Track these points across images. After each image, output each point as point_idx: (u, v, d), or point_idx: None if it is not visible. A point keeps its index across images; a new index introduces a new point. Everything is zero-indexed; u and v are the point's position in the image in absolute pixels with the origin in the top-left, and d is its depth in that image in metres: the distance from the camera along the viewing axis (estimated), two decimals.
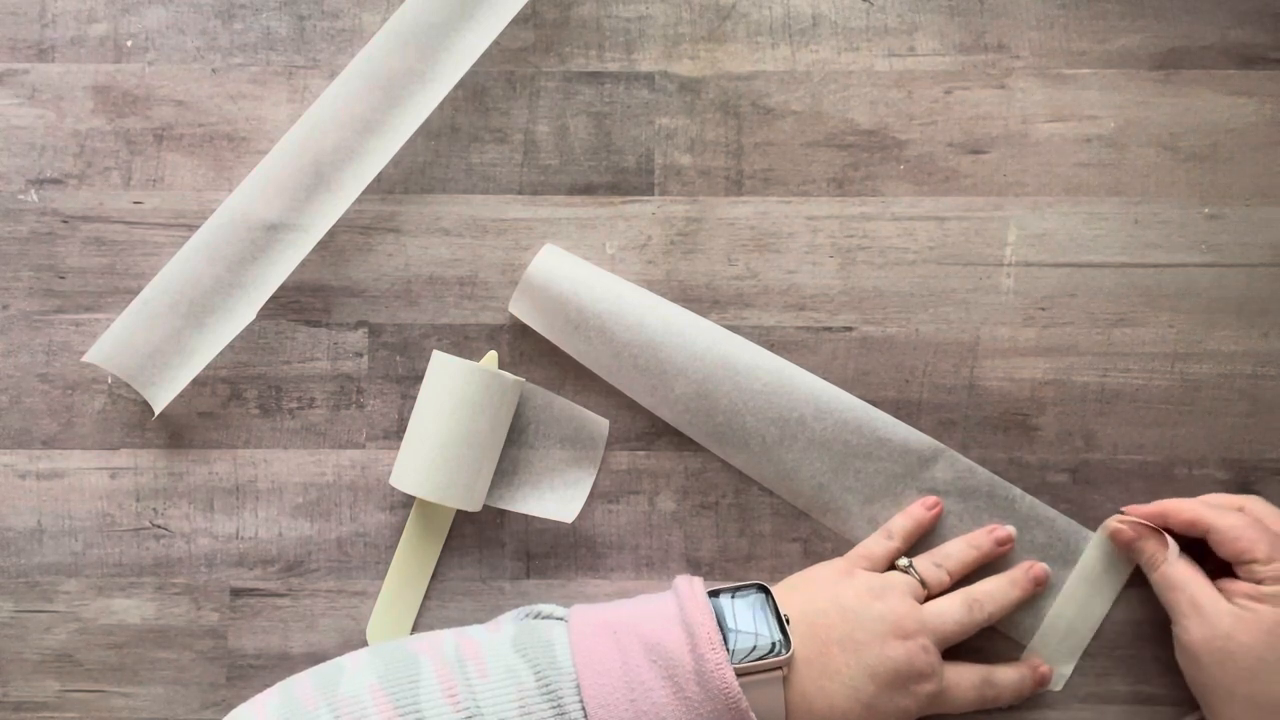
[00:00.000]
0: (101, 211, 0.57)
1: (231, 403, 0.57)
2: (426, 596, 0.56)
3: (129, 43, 0.58)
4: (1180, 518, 0.53)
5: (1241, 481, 0.56)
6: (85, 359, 0.54)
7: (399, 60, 0.55)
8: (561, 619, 0.51)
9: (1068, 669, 0.56)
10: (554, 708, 0.46)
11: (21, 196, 0.57)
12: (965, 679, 0.52)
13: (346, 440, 0.57)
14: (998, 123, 0.58)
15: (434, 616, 0.56)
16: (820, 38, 0.58)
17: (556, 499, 0.56)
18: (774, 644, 0.49)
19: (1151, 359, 0.57)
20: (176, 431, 0.57)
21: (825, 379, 0.57)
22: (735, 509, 0.57)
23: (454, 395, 0.53)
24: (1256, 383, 0.57)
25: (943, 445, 0.56)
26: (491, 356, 0.57)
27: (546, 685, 0.47)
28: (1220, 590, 0.52)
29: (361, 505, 0.57)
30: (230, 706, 0.56)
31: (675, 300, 0.57)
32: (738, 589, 0.52)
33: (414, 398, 0.56)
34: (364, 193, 0.56)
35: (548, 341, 0.57)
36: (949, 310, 0.57)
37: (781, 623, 0.50)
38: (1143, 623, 0.56)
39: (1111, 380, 0.57)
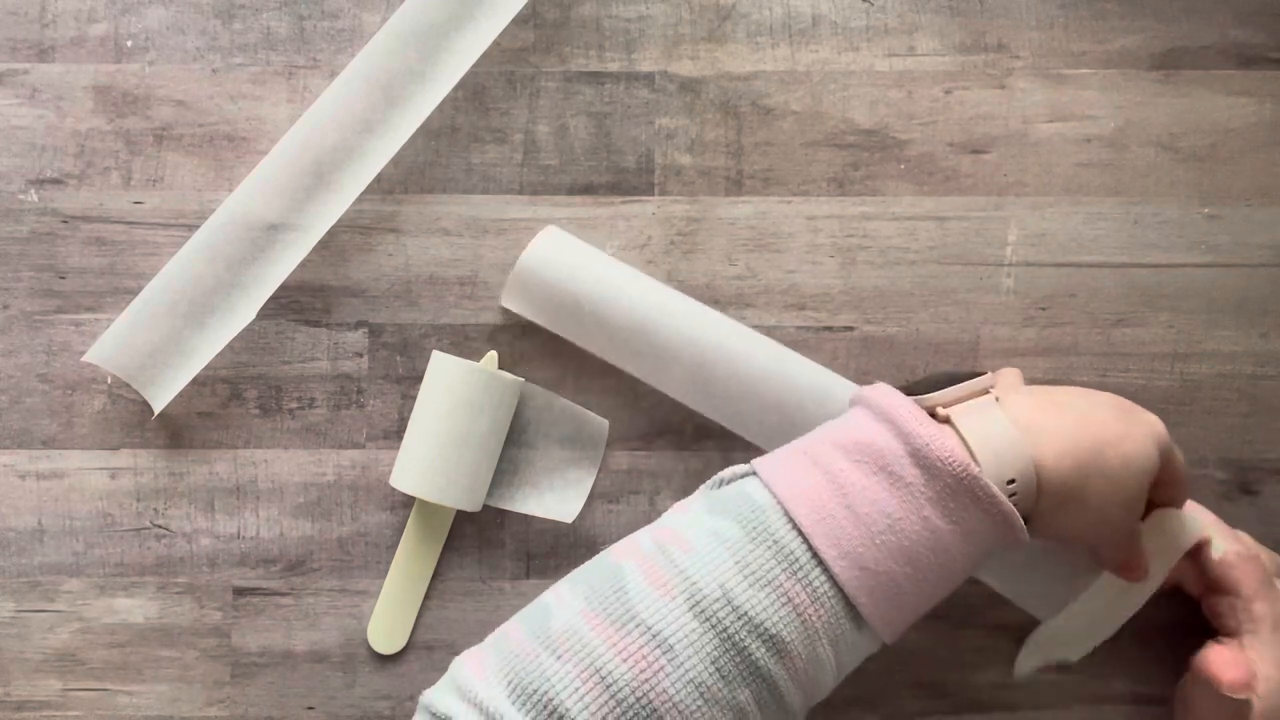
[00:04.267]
0: (101, 211, 0.57)
1: (231, 403, 0.57)
2: (427, 596, 0.56)
3: (129, 43, 0.58)
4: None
5: (1241, 481, 0.56)
6: (85, 359, 0.55)
7: (399, 60, 0.55)
8: (748, 474, 0.46)
9: (1075, 657, 0.55)
10: (770, 546, 0.42)
11: (21, 196, 0.57)
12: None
13: (347, 440, 0.57)
14: (998, 123, 0.58)
15: (434, 616, 0.56)
16: (820, 38, 0.58)
17: (556, 499, 0.56)
18: (971, 373, 0.46)
19: (1151, 359, 0.57)
20: (176, 431, 0.57)
21: None
22: None
23: (454, 395, 0.54)
24: (1256, 383, 0.57)
25: None
26: (491, 357, 0.57)
27: (754, 528, 0.43)
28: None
29: (362, 505, 0.57)
30: (234, 704, 0.56)
31: None
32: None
33: (414, 398, 0.56)
34: (364, 193, 0.56)
35: (548, 341, 0.57)
36: (949, 310, 0.57)
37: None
38: (1143, 622, 0.56)
39: (1111, 380, 0.57)
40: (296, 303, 0.57)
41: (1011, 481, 0.43)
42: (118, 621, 0.56)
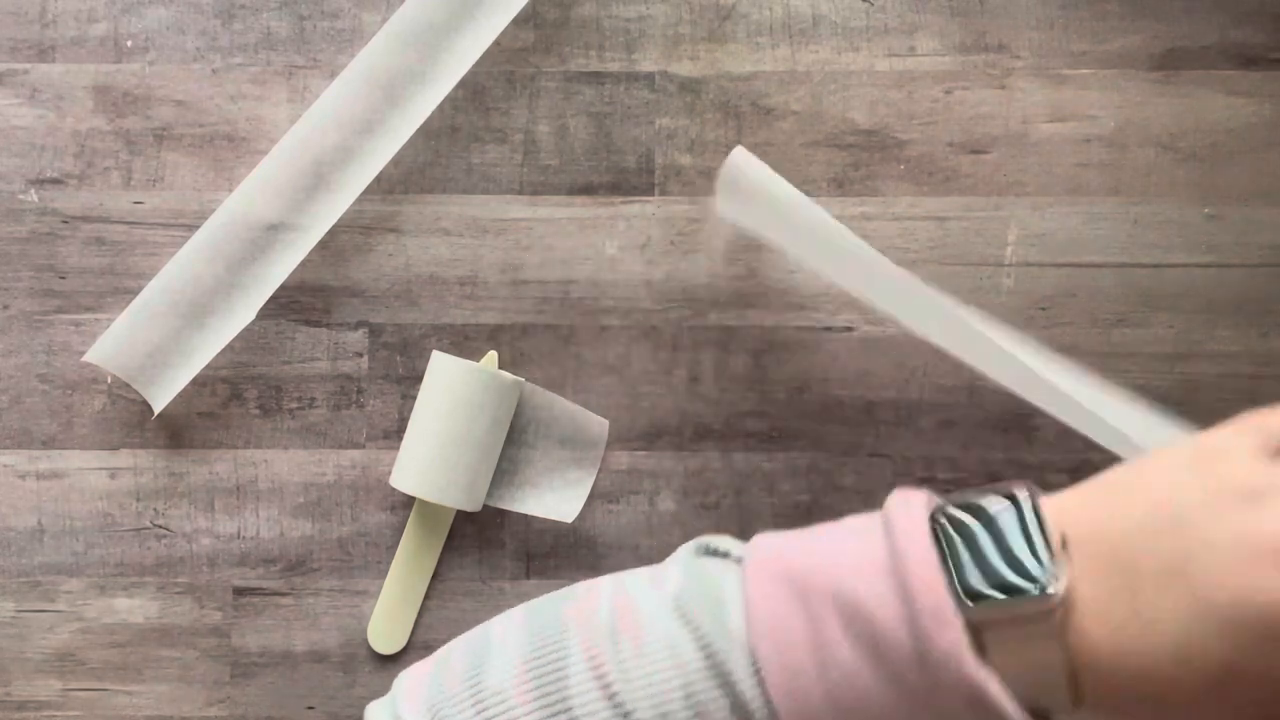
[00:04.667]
0: (101, 211, 0.57)
1: (231, 403, 0.57)
2: (427, 596, 0.56)
3: (129, 43, 0.58)
4: None
5: None
6: (85, 359, 0.55)
7: (399, 60, 0.55)
8: (738, 559, 0.38)
9: None
10: (725, 693, 0.35)
11: (21, 196, 0.57)
12: None
13: (347, 440, 0.57)
14: (998, 123, 0.58)
15: (434, 616, 0.56)
16: (820, 38, 0.58)
17: (556, 499, 0.56)
18: (1035, 579, 0.32)
19: (1151, 359, 0.57)
20: (176, 431, 0.57)
21: (825, 379, 0.57)
22: (735, 509, 0.57)
23: (454, 395, 0.54)
24: (1256, 383, 0.57)
25: None
26: (491, 357, 0.57)
27: (715, 662, 0.35)
28: None
29: (362, 505, 0.57)
30: (234, 704, 0.56)
31: (675, 300, 0.57)
32: (989, 495, 0.35)
33: (414, 398, 0.56)
34: (364, 193, 0.56)
35: (548, 342, 0.57)
36: None
37: (1049, 544, 0.33)
38: None
39: (1111, 380, 0.57)
40: (296, 303, 0.57)
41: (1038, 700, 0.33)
42: (118, 621, 0.56)
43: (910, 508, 0.35)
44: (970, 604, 0.33)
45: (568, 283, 0.57)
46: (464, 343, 0.57)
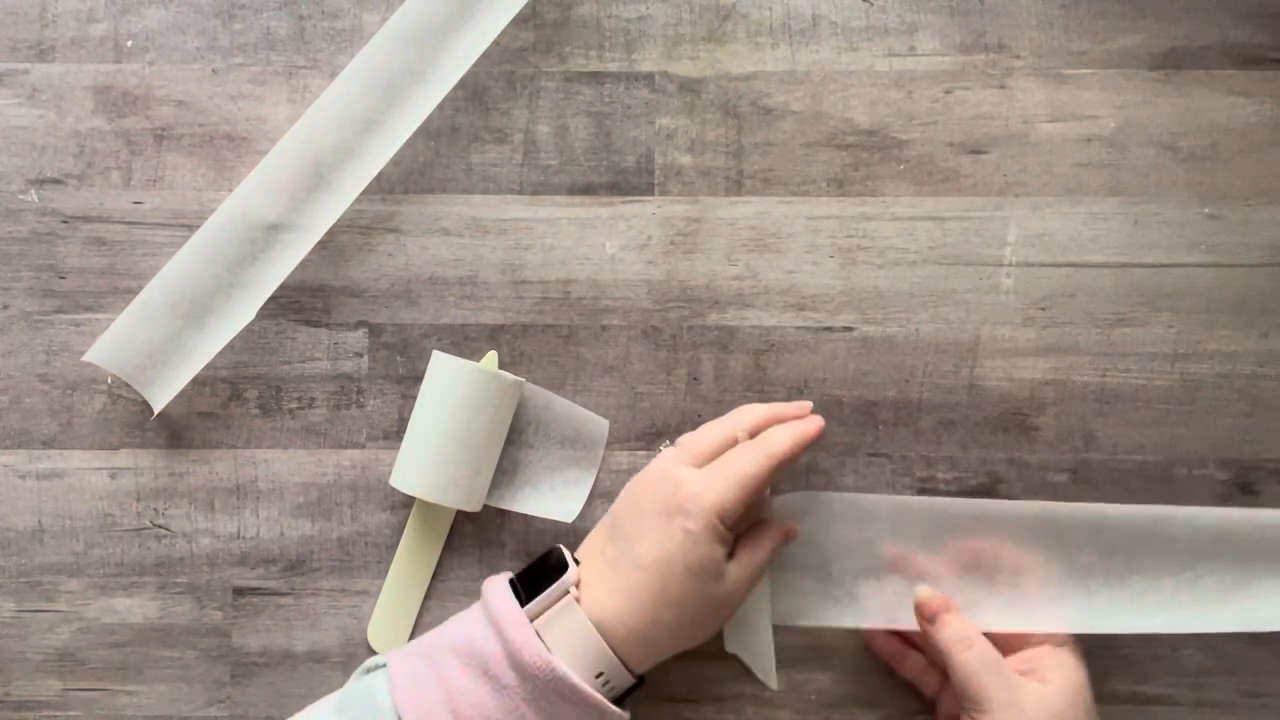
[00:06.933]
0: (101, 211, 0.57)
1: (231, 403, 0.57)
2: (427, 597, 0.56)
3: (129, 43, 0.58)
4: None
5: (1241, 481, 0.56)
6: (85, 359, 0.55)
7: (399, 60, 0.55)
8: (384, 665, 0.50)
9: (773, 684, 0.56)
10: None
11: (21, 196, 0.57)
12: (741, 559, 0.51)
13: (347, 440, 0.57)
14: (998, 123, 0.57)
15: (434, 617, 0.56)
16: (820, 38, 0.58)
17: (557, 499, 0.56)
18: (559, 574, 0.49)
19: (1151, 359, 0.57)
20: (176, 431, 0.57)
21: (825, 379, 0.57)
22: None
23: (454, 395, 0.54)
24: (1256, 383, 0.57)
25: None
26: (491, 357, 0.57)
27: None
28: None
29: (362, 505, 0.57)
30: (234, 704, 0.56)
31: (675, 300, 0.57)
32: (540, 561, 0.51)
33: (414, 398, 0.56)
34: (364, 193, 0.56)
35: (548, 342, 0.57)
36: (949, 310, 0.57)
37: (565, 559, 0.50)
38: None
39: (1111, 380, 0.57)
40: (296, 303, 0.57)
41: (600, 674, 0.48)
42: (118, 621, 0.56)
43: (494, 579, 0.51)
44: (529, 604, 0.48)
45: (568, 283, 0.57)
46: (464, 343, 0.57)
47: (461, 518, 0.57)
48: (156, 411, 0.55)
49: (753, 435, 0.52)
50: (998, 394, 0.57)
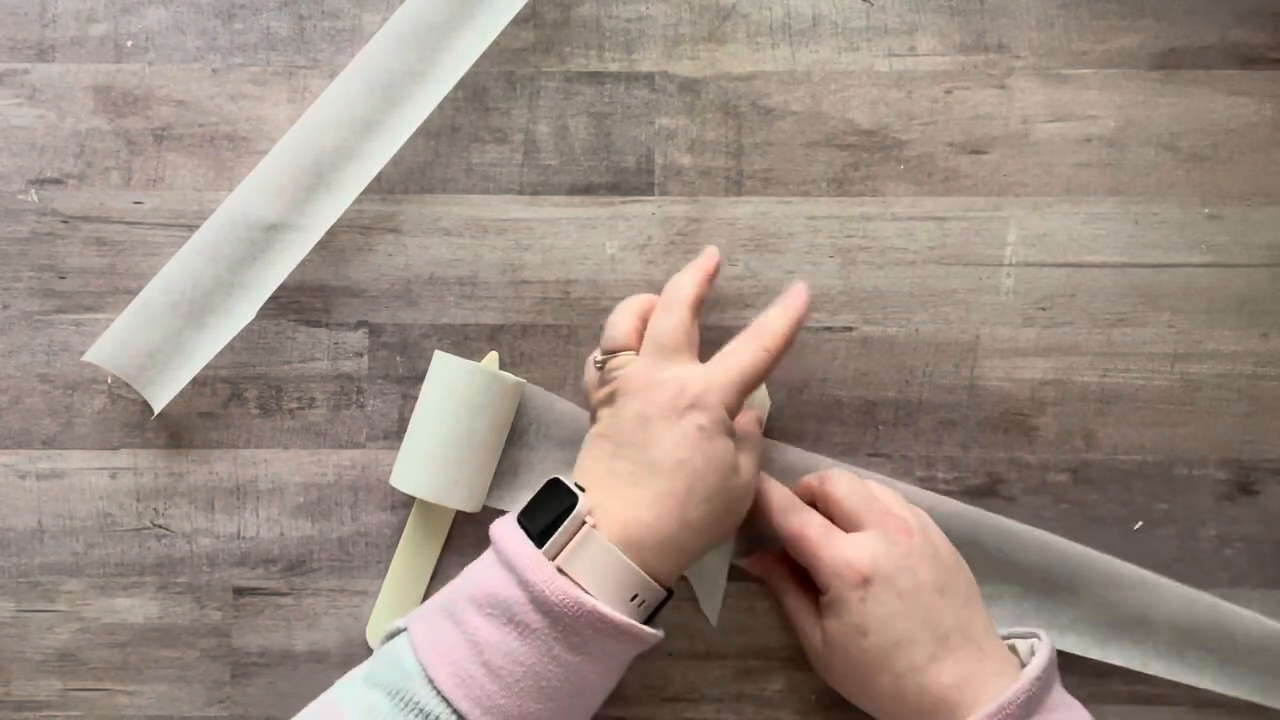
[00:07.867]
0: (101, 211, 0.57)
1: (231, 403, 0.57)
2: (427, 596, 0.56)
3: (129, 43, 0.58)
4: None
5: (1241, 481, 0.56)
6: (85, 359, 0.55)
7: (399, 60, 0.55)
8: (405, 628, 0.49)
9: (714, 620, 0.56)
10: (417, 715, 0.45)
11: (21, 196, 0.57)
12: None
13: (347, 440, 0.57)
14: (998, 123, 0.57)
15: None
16: (820, 38, 0.58)
17: None
18: (570, 508, 0.47)
19: (1151, 359, 0.57)
20: (176, 431, 0.57)
21: (825, 379, 0.57)
22: None
23: (455, 396, 0.53)
24: (1256, 383, 0.57)
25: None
26: (492, 357, 0.57)
27: (402, 700, 0.45)
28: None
29: (362, 505, 0.57)
30: (234, 704, 0.56)
31: None
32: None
33: (414, 398, 0.56)
34: (364, 193, 0.56)
35: (548, 342, 0.57)
36: (949, 310, 0.57)
37: (572, 487, 0.48)
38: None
39: (1111, 380, 0.57)
40: (296, 303, 0.57)
41: (635, 596, 0.47)
42: (118, 621, 0.56)
43: (502, 520, 0.48)
44: (546, 545, 0.46)
45: (568, 283, 0.57)
46: (464, 343, 0.57)
47: (461, 518, 0.57)
48: (156, 411, 0.55)
49: (696, 310, 0.52)
50: (998, 394, 0.57)
